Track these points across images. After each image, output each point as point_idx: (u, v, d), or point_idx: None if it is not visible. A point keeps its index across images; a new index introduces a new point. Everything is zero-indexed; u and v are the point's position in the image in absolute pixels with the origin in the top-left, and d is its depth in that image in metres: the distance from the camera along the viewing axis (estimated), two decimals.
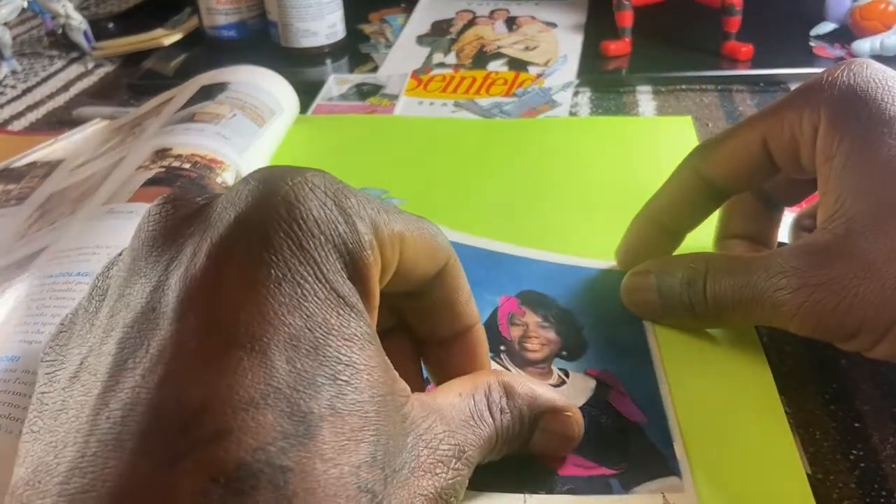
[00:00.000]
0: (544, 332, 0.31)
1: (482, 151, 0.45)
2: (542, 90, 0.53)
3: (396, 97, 0.54)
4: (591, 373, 0.29)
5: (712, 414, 0.27)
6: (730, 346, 0.30)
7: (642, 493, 0.25)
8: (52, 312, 0.29)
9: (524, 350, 0.30)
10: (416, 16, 0.68)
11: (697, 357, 0.30)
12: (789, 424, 0.27)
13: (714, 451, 0.26)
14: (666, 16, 0.61)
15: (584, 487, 0.25)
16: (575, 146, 0.45)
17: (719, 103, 0.52)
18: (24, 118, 0.56)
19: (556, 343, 0.31)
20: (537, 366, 0.30)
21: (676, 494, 0.24)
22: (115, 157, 0.42)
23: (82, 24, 0.66)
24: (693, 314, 0.29)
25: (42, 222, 0.39)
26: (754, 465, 0.26)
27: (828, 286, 0.25)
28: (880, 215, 0.24)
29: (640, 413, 0.27)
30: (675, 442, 0.26)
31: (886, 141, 0.25)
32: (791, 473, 0.25)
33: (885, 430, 0.28)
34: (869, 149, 0.25)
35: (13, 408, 0.26)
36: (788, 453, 0.26)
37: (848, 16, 0.58)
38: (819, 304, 0.25)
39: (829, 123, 0.26)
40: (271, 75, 0.47)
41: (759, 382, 0.29)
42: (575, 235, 0.37)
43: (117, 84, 0.61)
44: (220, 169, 0.38)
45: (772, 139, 0.28)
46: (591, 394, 0.28)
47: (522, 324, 0.31)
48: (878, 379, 0.30)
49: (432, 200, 0.40)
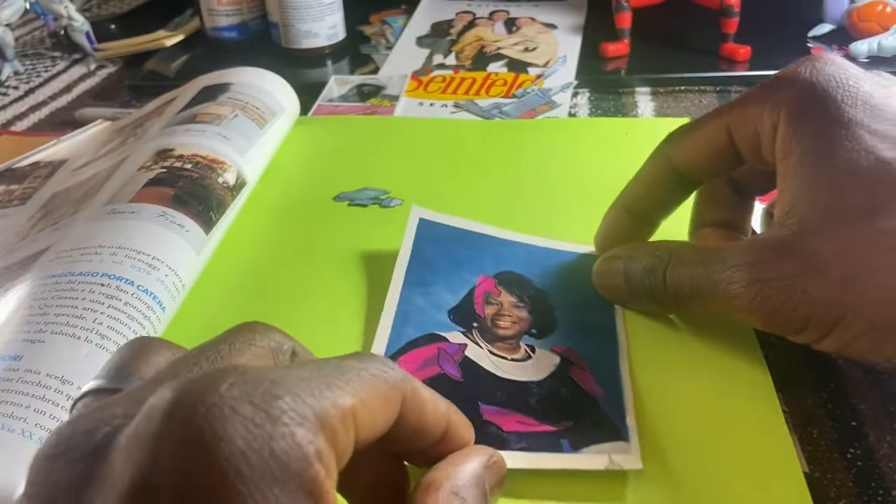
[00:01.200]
0: (517, 311, 0.32)
1: (482, 152, 0.46)
2: (542, 91, 0.54)
3: (397, 98, 0.54)
4: (557, 350, 0.30)
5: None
6: (727, 344, 0.30)
7: (590, 454, 0.26)
8: (54, 312, 0.29)
9: (496, 327, 0.31)
10: (417, 17, 0.69)
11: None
12: (787, 423, 0.27)
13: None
14: (664, 17, 0.61)
15: (536, 446, 0.26)
16: (573, 147, 0.46)
17: (717, 104, 0.52)
18: (26, 119, 0.56)
19: (527, 321, 0.32)
20: (506, 341, 0.31)
21: (622, 455, 0.26)
22: (118, 157, 0.42)
23: (84, 26, 0.66)
24: (654, 300, 0.30)
25: (44, 222, 0.39)
26: (749, 461, 0.26)
27: (778, 282, 0.25)
28: (831, 217, 0.25)
29: (599, 388, 0.29)
30: (628, 415, 0.27)
31: (843, 143, 0.25)
32: (788, 472, 0.25)
33: (883, 429, 0.28)
34: (825, 150, 0.26)
35: (15, 406, 0.26)
36: (784, 450, 0.26)
37: (845, 17, 0.58)
38: (769, 299, 0.25)
39: (787, 121, 0.27)
40: (272, 77, 0.48)
41: (756, 380, 0.29)
42: (563, 223, 0.38)
43: (119, 85, 0.61)
44: (222, 169, 0.39)
45: (736, 131, 0.28)
46: (553, 369, 0.30)
47: (497, 303, 0.32)
48: (875, 378, 0.30)
49: (431, 201, 0.40)
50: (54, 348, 0.28)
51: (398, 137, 0.48)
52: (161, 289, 0.31)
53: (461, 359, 0.30)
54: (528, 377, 0.29)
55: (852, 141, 0.25)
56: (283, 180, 0.44)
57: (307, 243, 0.38)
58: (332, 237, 0.38)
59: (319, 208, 0.41)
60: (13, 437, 0.25)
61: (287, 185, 0.43)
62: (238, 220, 0.39)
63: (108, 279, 0.31)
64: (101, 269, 0.31)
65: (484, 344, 0.31)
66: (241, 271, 0.37)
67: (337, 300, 0.34)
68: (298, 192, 0.43)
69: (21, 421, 0.25)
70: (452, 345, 0.30)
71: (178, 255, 0.33)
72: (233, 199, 0.38)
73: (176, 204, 0.35)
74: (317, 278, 0.36)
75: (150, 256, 0.32)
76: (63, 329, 0.28)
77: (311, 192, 0.42)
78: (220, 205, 0.37)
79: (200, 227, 0.35)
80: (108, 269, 0.31)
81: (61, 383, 0.27)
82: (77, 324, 0.29)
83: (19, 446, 0.25)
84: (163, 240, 0.33)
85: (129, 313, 0.30)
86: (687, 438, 0.27)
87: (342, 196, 0.42)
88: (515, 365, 0.30)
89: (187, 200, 0.36)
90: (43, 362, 0.27)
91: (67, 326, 0.28)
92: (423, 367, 0.29)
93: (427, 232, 0.35)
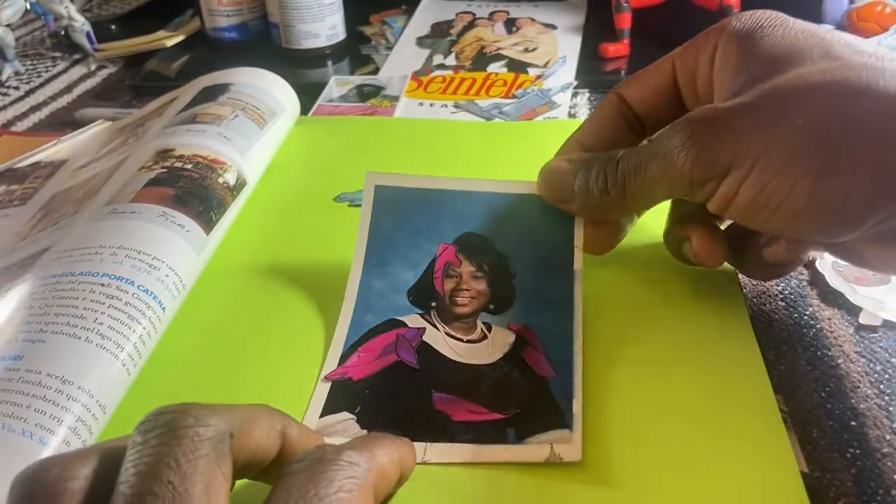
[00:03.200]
0: (476, 283, 0.32)
1: (481, 152, 0.46)
2: (542, 91, 0.54)
3: (397, 98, 0.54)
4: (513, 327, 0.31)
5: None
6: (725, 343, 0.30)
7: (533, 444, 0.26)
8: (55, 312, 0.29)
9: (454, 305, 0.31)
10: (417, 17, 0.69)
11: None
12: (786, 423, 0.27)
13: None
14: (664, 18, 0.61)
15: (483, 436, 0.27)
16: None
17: None
18: (27, 119, 0.56)
19: (485, 296, 0.32)
20: (463, 320, 0.31)
21: (564, 446, 0.26)
22: (118, 157, 0.42)
23: (85, 26, 0.66)
24: (604, 191, 0.30)
25: (45, 222, 0.39)
26: (746, 460, 0.26)
27: (710, 122, 0.27)
28: (757, 76, 0.27)
29: (551, 368, 0.29)
30: (575, 399, 0.28)
31: (769, 37, 0.28)
32: (785, 472, 0.25)
33: (882, 429, 0.28)
34: (754, 43, 0.28)
35: (15, 406, 0.26)
36: (781, 449, 0.26)
37: (845, 17, 0.58)
38: (700, 137, 0.26)
39: (725, 44, 0.29)
40: (272, 77, 0.48)
41: (754, 380, 0.29)
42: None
43: (120, 85, 0.61)
44: (222, 169, 0.39)
45: (679, 66, 0.31)
46: (507, 349, 0.30)
47: (457, 274, 0.32)
48: (874, 377, 0.30)
49: None
50: (55, 348, 0.28)
51: (397, 138, 0.48)
52: (161, 289, 0.32)
53: (418, 344, 0.30)
54: (481, 360, 0.30)
55: (777, 32, 0.28)
56: (283, 180, 0.44)
57: (308, 243, 0.38)
58: (333, 237, 0.38)
59: (320, 209, 0.41)
60: (13, 436, 0.25)
61: (287, 186, 0.43)
62: (238, 221, 0.39)
63: (108, 279, 0.31)
64: (102, 269, 0.31)
65: (441, 326, 0.31)
66: (241, 271, 0.37)
67: (338, 300, 0.34)
68: (299, 192, 0.43)
69: (21, 421, 0.25)
70: (411, 330, 0.31)
71: (179, 256, 0.33)
72: (233, 200, 0.38)
73: (176, 204, 0.35)
74: (317, 278, 0.36)
75: (150, 256, 0.32)
76: (64, 329, 0.28)
77: (312, 193, 0.42)
78: (221, 205, 0.37)
79: (201, 227, 0.35)
80: (108, 269, 0.31)
81: (62, 383, 0.27)
82: (78, 324, 0.29)
83: (20, 446, 0.25)
84: (163, 240, 0.33)
85: (129, 313, 0.30)
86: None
87: (342, 197, 0.42)
88: (470, 347, 0.30)
89: (188, 200, 0.36)
90: (43, 362, 0.27)
91: (68, 326, 0.29)
92: (382, 356, 0.30)
93: (385, 200, 0.34)
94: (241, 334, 0.33)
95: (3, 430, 0.25)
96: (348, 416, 0.28)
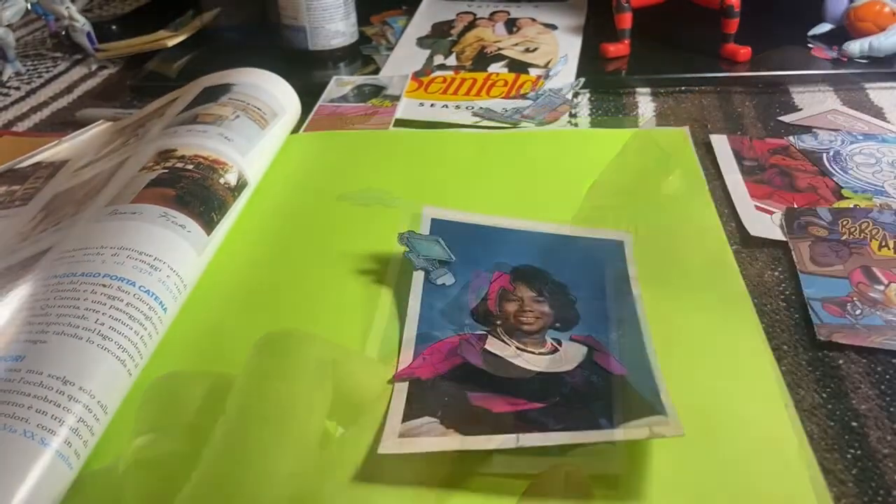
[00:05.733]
0: (538, 305, 0.33)
1: (478, 163, 0.45)
2: (554, 91, 0.53)
3: (397, 99, 0.54)
4: (575, 338, 0.31)
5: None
6: (732, 340, 0.31)
7: (630, 428, 0.26)
8: (56, 313, 0.29)
9: (520, 323, 0.32)
10: (417, 18, 0.69)
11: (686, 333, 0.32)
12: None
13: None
14: (665, 18, 0.61)
15: (576, 425, 0.27)
16: (571, 157, 0.45)
17: (718, 105, 0.52)
18: (28, 119, 0.56)
19: (550, 316, 0.32)
20: (532, 336, 0.31)
21: (662, 426, 0.26)
22: (119, 158, 0.42)
23: (86, 26, 0.66)
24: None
25: (46, 223, 0.39)
26: (754, 453, 0.26)
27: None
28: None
29: (622, 368, 0.30)
30: (662, 392, 0.28)
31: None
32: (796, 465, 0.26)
33: (883, 430, 0.28)
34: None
35: (17, 407, 0.26)
36: (791, 444, 0.26)
37: (844, 17, 0.59)
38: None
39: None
40: (273, 77, 0.48)
41: (762, 374, 0.29)
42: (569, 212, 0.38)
43: (121, 85, 0.61)
44: (223, 170, 0.39)
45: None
46: (582, 358, 0.30)
47: (517, 298, 0.33)
48: (875, 378, 0.30)
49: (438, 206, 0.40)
50: (56, 349, 0.28)
51: (394, 150, 0.47)
52: (163, 289, 0.32)
53: (482, 349, 0.31)
54: (559, 368, 0.30)
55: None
56: (284, 181, 0.44)
57: (309, 243, 0.38)
58: (335, 235, 0.38)
59: (322, 207, 0.41)
60: (15, 437, 0.25)
61: (288, 186, 0.43)
62: (239, 221, 0.39)
63: (109, 280, 0.31)
64: (103, 270, 0.31)
65: (511, 341, 0.31)
66: (242, 272, 0.37)
67: (339, 300, 0.34)
68: (299, 192, 0.43)
69: (23, 421, 0.25)
70: (473, 335, 0.31)
71: (180, 256, 0.33)
72: (234, 200, 0.38)
73: (177, 204, 0.35)
74: (318, 278, 0.36)
75: (151, 257, 0.32)
76: (65, 329, 0.28)
77: (313, 193, 0.42)
78: (222, 205, 0.37)
79: (202, 227, 0.35)
80: (109, 269, 0.31)
81: (63, 384, 0.27)
82: (79, 324, 0.29)
83: (20, 446, 0.25)
84: (164, 240, 0.33)
85: (130, 314, 0.30)
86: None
87: (344, 197, 0.42)
88: (544, 359, 0.30)
89: (189, 201, 0.36)
90: (45, 363, 0.27)
91: (69, 327, 0.29)
92: (448, 358, 0.30)
93: (440, 232, 0.36)
94: (242, 335, 0.33)
95: (4, 431, 0.25)
96: (430, 420, 0.28)
